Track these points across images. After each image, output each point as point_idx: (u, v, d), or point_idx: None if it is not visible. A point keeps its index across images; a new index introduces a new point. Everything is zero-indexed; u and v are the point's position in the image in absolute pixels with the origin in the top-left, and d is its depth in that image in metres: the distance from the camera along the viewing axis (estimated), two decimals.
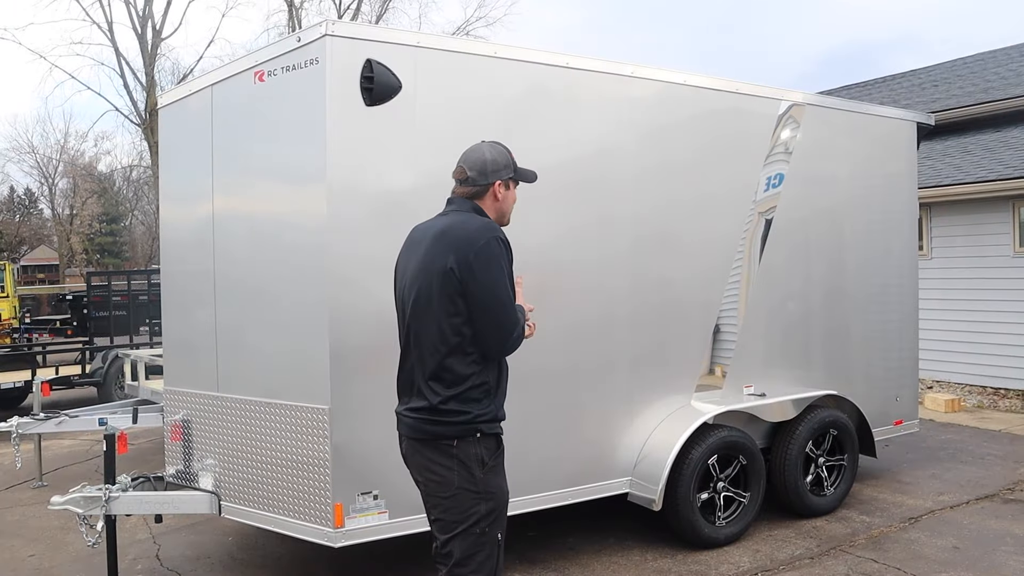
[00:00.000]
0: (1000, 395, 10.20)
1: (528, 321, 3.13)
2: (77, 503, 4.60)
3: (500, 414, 3.05)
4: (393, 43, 4.29)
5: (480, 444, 2.97)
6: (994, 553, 5.16)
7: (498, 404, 3.05)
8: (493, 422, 3.00)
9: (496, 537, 2.98)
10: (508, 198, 3.19)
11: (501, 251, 2.97)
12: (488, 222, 3.05)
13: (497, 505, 2.99)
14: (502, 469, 3.05)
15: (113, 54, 29.35)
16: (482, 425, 2.96)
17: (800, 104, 6.04)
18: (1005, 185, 9.82)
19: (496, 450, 3.02)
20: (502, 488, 3.03)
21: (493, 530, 2.97)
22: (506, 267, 2.98)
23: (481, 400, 2.98)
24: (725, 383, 5.69)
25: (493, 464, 2.99)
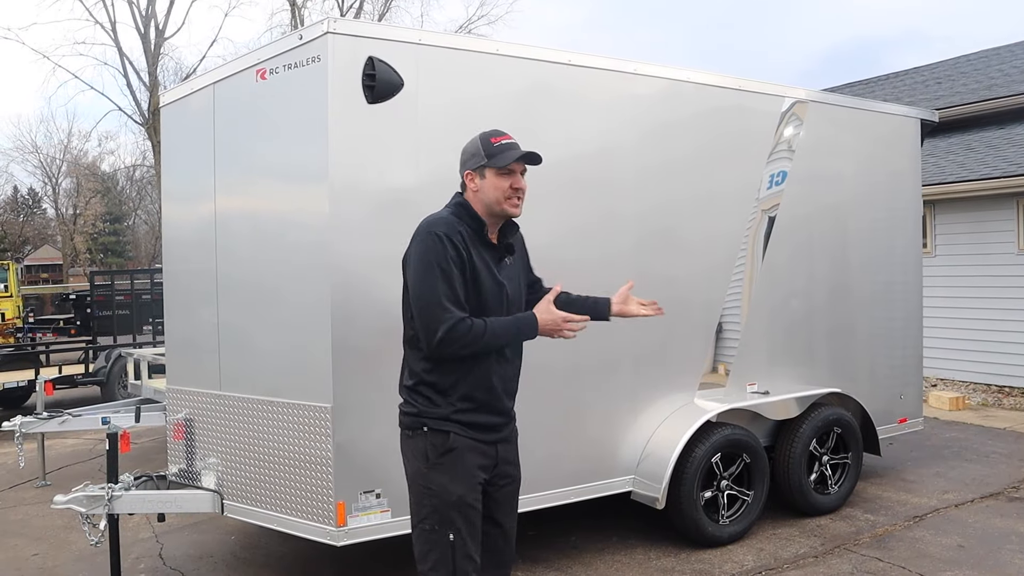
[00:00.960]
0: (1005, 393, 10.17)
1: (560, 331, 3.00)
2: (80, 502, 4.60)
3: (456, 416, 2.94)
4: (395, 41, 4.28)
5: (427, 439, 2.95)
6: (999, 552, 5.14)
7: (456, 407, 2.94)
8: (443, 420, 2.93)
9: (447, 538, 2.89)
10: (485, 187, 2.98)
11: (431, 246, 2.86)
12: (438, 217, 2.97)
13: (441, 504, 2.91)
14: (452, 469, 2.93)
15: (116, 54, 29.39)
16: (428, 421, 2.96)
17: (803, 101, 6.02)
18: (1009, 182, 9.80)
19: (443, 448, 2.92)
20: (446, 488, 2.91)
21: (442, 530, 2.90)
22: (438, 263, 2.84)
23: (431, 399, 2.95)
24: (728, 381, 5.68)
25: (438, 462, 2.92)
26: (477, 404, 2.97)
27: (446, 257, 2.86)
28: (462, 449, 2.94)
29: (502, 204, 2.98)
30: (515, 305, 3.09)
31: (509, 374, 3.09)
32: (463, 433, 2.94)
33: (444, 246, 2.86)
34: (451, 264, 2.86)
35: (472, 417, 2.97)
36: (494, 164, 2.97)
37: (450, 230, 2.91)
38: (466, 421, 2.95)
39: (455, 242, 2.88)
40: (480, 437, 2.99)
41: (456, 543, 2.90)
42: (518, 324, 2.98)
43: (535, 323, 2.97)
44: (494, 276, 3.00)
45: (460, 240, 2.91)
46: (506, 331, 2.94)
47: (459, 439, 2.94)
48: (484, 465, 3.01)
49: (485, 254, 3.00)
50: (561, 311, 3.02)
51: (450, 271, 2.86)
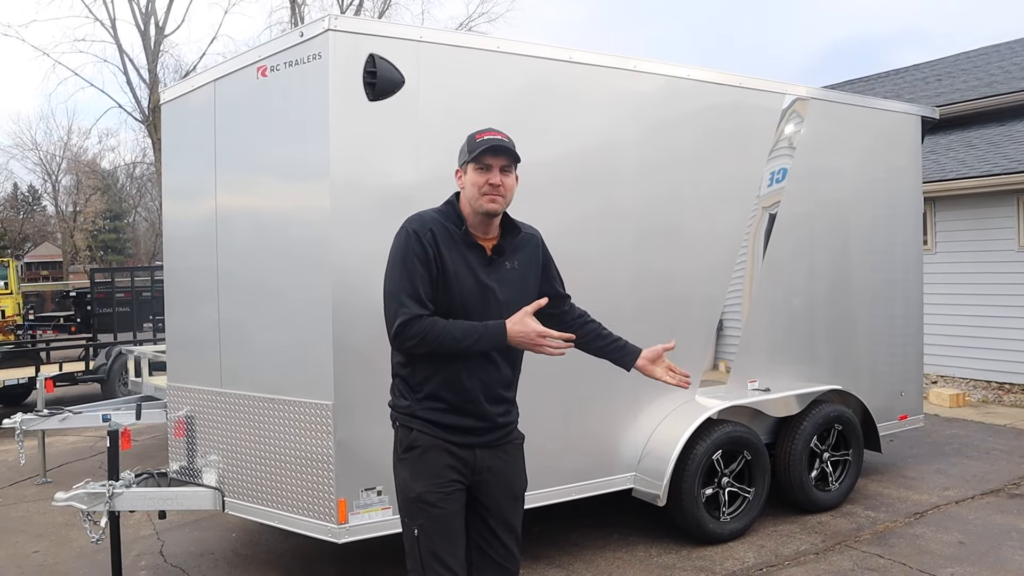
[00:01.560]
0: (1005, 390, 10.18)
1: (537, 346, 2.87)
2: (81, 499, 4.60)
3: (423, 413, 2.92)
4: (396, 38, 4.28)
5: (397, 433, 3.01)
6: (1000, 548, 5.15)
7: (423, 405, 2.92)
8: (409, 416, 2.94)
9: (412, 533, 2.90)
10: (466, 183, 2.94)
11: (400, 241, 2.90)
12: (417, 214, 2.98)
13: (403, 499, 2.95)
14: (414, 466, 2.91)
15: (116, 51, 29.38)
16: (398, 415, 2.99)
17: (804, 98, 6.01)
18: (1010, 179, 9.79)
19: (406, 443, 2.93)
20: (407, 483, 2.92)
21: (409, 523, 2.93)
22: (404, 259, 2.85)
23: (402, 393, 2.99)
24: (729, 378, 5.68)
25: (403, 456, 2.95)
26: (448, 405, 2.92)
27: (411, 253, 2.85)
28: (425, 447, 2.91)
29: (479, 200, 2.89)
30: (508, 307, 2.96)
31: (495, 379, 2.98)
32: (428, 431, 2.91)
33: (410, 242, 2.87)
34: (416, 261, 2.84)
35: (440, 417, 2.92)
36: (470, 159, 2.93)
37: (422, 227, 2.89)
38: (433, 420, 2.92)
39: (423, 239, 2.86)
40: (450, 438, 2.92)
41: (420, 538, 2.89)
42: (483, 330, 2.85)
43: (503, 332, 2.85)
44: (475, 277, 2.92)
45: (431, 238, 2.87)
46: (467, 335, 2.83)
47: (423, 436, 2.91)
48: (456, 467, 2.92)
49: (468, 254, 2.93)
50: (537, 325, 2.86)
51: (414, 268, 2.84)
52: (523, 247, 3.10)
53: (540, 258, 3.18)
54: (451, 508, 2.92)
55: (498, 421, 3.02)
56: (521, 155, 2.98)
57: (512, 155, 2.92)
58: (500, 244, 3.00)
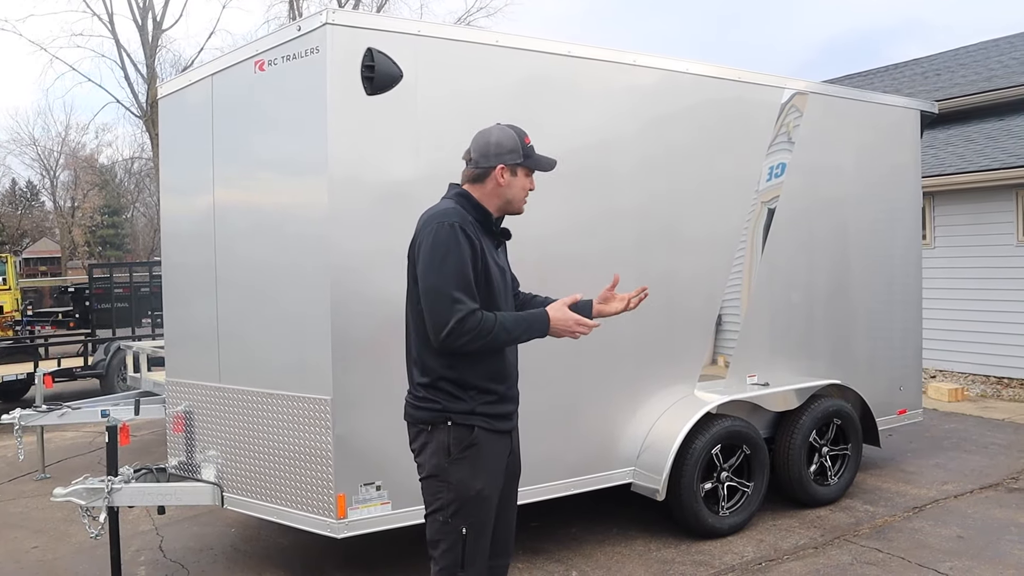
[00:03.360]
0: (1004, 384, 10.18)
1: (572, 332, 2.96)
2: (80, 495, 4.60)
3: (482, 409, 2.92)
4: (394, 32, 4.27)
5: (450, 433, 2.91)
6: (998, 542, 5.15)
7: (479, 400, 2.92)
8: (469, 415, 2.91)
9: (459, 530, 2.89)
10: (514, 184, 2.99)
11: (447, 237, 2.82)
12: (446, 208, 2.92)
13: (458, 497, 2.89)
14: (474, 464, 2.91)
15: (114, 46, 29.31)
16: (454, 415, 2.91)
17: (803, 92, 6.01)
18: (1009, 174, 9.79)
19: (466, 442, 2.90)
20: (465, 482, 2.89)
21: (456, 521, 2.89)
22: (452, 253, 2.81)
23: (452, 394, 2.91)
24: (728, 373, 5.68)
25: (460, 456, 2.89)
26: (498, 396, 2.97)
27: (459, 247, 2.82)
28: (484, 442, 2.93)
29: (520, 203, 3.03)
30: (512, 289, 3.14)
31: (516, 362, 3.11)
32: (487, 426, 2.94)
33: (458, 236, 2.82)
34: (465, 255, 2.83)
35: (494, 408, 2.96)
36: (531, 165, 3.00)
37: (463, 220, 2.87)
38: (490, 413, 2.95)
39: (468, 233, 2.85)
40: (501, 427, 3.00)
41: (468, 536, 2.90)
42: (529, 320, 2.93)
43: (547, 321, 2.93)
44: (498, 264, 3.01)
45: (473, 232, 2.88)
46: (516, 326, 2.89)
47: (483, 433, 2.93)
48: (504, 457, 3.04)
49: (490, 243, 3.00)
50: (574, 314, 2.98)
51: (464, 262, 2.82)
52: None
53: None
54: (496, 502, 3.01)
55: (519, 400, 3.13)
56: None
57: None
58: (505, 228, 3.10)
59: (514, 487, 3.19)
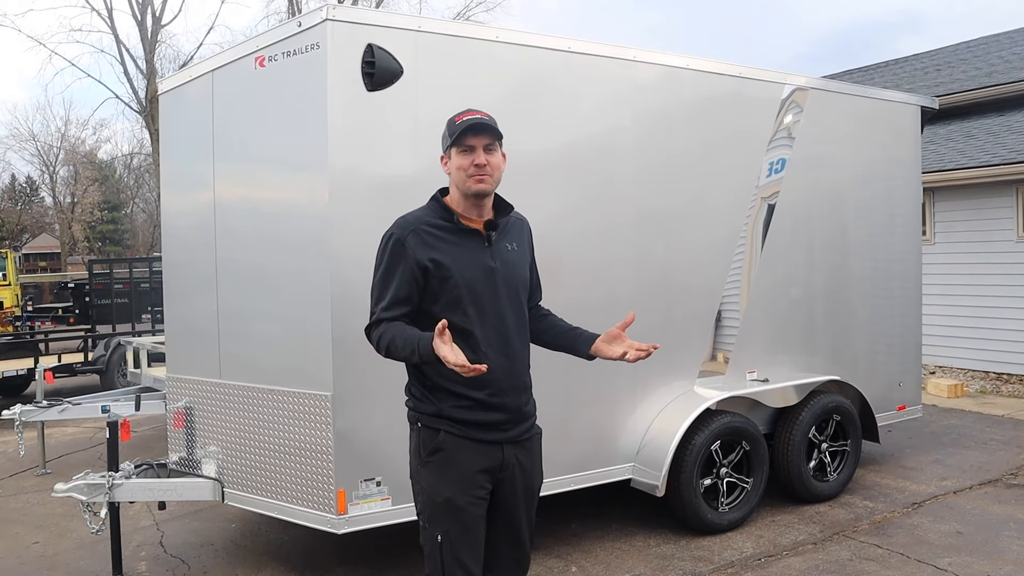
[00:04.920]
0: (1003, 380, 10.19)
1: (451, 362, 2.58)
2: (81, 490, 4.61)
3: (449, 413, 2.82)
4: (394, 28, 4.26)
5: (419, 435, 2.88)
6: (997, 538, 5.16)
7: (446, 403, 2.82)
8: (435, 417, 2.83)
9: (435, 538, 2.81)
10: (452, 168, 2.88)
11: (380, 249, 2.91)
12: (402, 218, 2.91)
13: (429, 503, 2.84)
14: (442, 470, 2.82)
15: (113, 41, 29.34)
16: (422, 416, 2.87)
17: (804, 88, 6.00)
18: (1009, 169, 9.78)
19: (432, 446, 2.82)
20: (434, 488, 2.82)
21: (431, 528, 2.83)
22: (381, 267, 2.87)
23: (421, 395, 2.88)
24: (728, 369, 5.68)
25: (427, 459, 2.83)
26: (474, 401, 2.82)
27: (387, 257, 2.86)
28: (452, 449, 2.82)
29: (467, 183, 2.83)
30: (513, 288, 2.94)
31: (515, 369, 2.92)
32: (456, 431, 2.82)
33: (387, 246, 2.87)
34: (391, 265, 2.84)
35: (467, 415, 2.82)
36: (452, 143, 2.87)
37: (402, 230, 2.84)
38: (460, 418, 2.82)
39: (406, 244, 2.81)
40: (479, 436, 2.83)
41: (443, 544, 2.80)
42: (417, 343, 2.70)
43: (429, 348, 2.62)
44: (478, 261, 2.85)
45: (416, 240, 2.81)
46: (406, 345, 2.73)
47: (450, 438, 2.82)
48: (485, 469, 2.85)
49: (464, 241, 2.86)
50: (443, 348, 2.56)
51: (388, 272, 2.85)
52: (517, 230, 3.05)
53: (530, 244, 3.14)
54: (478, 513, 2.85)
55: (523, 411, 2.96)
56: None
57: (494, 132, 2.86)
58: (491, 221, 2.93)
59: (526, 504, 2.99)
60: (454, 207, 2.90)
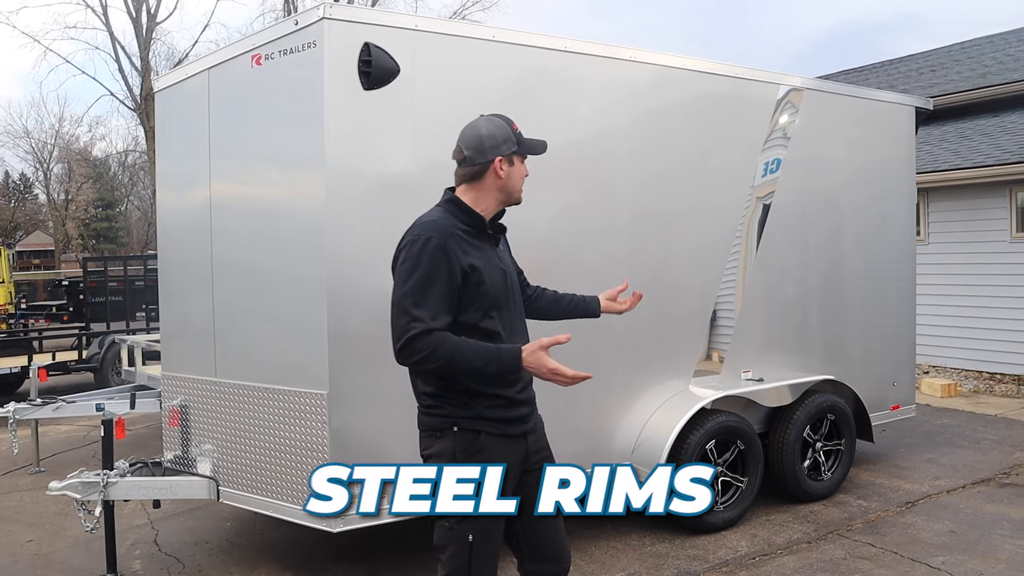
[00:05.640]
0: (996, 380, 10.23)
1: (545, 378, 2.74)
2: (75, 488, 4.60)
3: (488, 414, 2.84)
4: (391, 27, 4.27)
5: (456, 439, 2.84)
6: (990, 537, 5.19)
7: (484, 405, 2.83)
8: (475, 420, 2.83)
9: (466, 537, 2.80)
10: (513, 174, 2.91)
11: (418, 253, 2.72)
12: (433, 220, 2.82)
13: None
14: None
15: (108, 38, 29.17)
16: (460, 420, 2.84)
17: (799, 89, 6.02)
18: (1003, 170, 9.81)
19: (472, 448, 2.82)
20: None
21: (462, 528, 2.82)
22: (421, 272, 2.71)
23: (458, 401, 2.84)
24: (723, 368, 5.70)
25: (465, 462, 2.83)
26: (507, 400, 2.88)
27: (429, 264, 2.72)
28: (493, 448, 2.84)
29: (520, 192, 2.95)
30: (515, 286, 3.02)
31: None
32: (494, 431, 2.85)
33: (428, 252, 2.73)
34: (434, 272, 2.72)
35: (503, 413, 2.87)
36: (526, 151, 2.92)
37: (442, 235, 2.76)
38: (498, 417, 2.86)
39: (447, 249, 2.74)
40: (511, 431, 2.90)
41: (475, 543, 2.81)
42: (497, 353, 2.75)
43: (518, 360, 2.73)
44: (496, 266, 2.90)
45: (456, 245, 2.77)
46: (479, 357, 2.72)
47: (489, 438, 2.84)
48: (517, 460, 2.92)
49: (485, 246, 2.89)
50: (550, 361, 2.73)
51: (431, 279, 2.72)
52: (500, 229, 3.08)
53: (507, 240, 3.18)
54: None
55: (535, 401, 3.05)
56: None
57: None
58: (501, 223, 3.01)
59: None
60: (481, 212, 2.90)
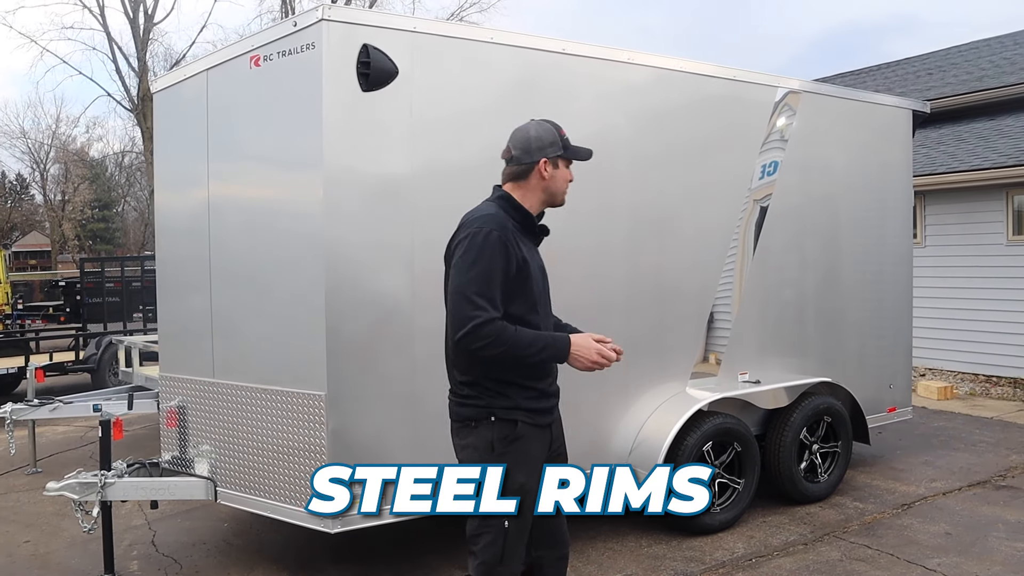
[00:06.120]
0: (992, 383, 10.25)
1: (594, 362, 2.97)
2: (73, 489, 4.60)
3: (524, 404, 2.96)
4: (389, 28, 4.27)
5: (494, 428, 2.95)
6: (986, 539, 5.20)
7: (521, 396, 2.96)
8: (512, 410, 2.95)
9: (502, 524, 2.93)
10: (557, 177, 3.05)
11: (481, 244, 2.85)
12: (491, 214, 2.95)
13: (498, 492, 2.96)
14: (517, 457, 2.95)
15: (105, 38, 29.14)
16: (497, 411, 2.95)
17: (796, 91, 6.03)
18: (999, 173, 9.85)
19: (511, 436, 2.94)
20: (509, 476, 2.94)
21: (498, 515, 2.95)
22: (484, 262, 2.84)
23: (496, 391, 2.95)
24: (720, 370, 5.71)
25: (504, 451, 2.94)
26: (539, 392, 3.02)
27: (492, 255, 2.85)
28: (529, 437, 2.98)
29: (563, 195, 3.09)
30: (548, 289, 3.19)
31: None
32: (529, 420, 2.98)
33: (492, 244, 2.86)
34: (496, 263, 2.85)
35: (536, 403, 3.01)
36: (571, 156, 3.06)
37: (503, 228, 2.90)
38: (532, 408, 2.99)
39: (507, 242, 2.88)
40: (540, 421, 3.04)
41: (511, 529, 2.95)
42: (551, 340, 2.95)
43: (567, 346, 2.94)
44: (539, 264, 3.07)
45: (514, 240, 2.92)
46: (535, 343, 2.90)
47: (525, 427, 2.97)
48: (546, 450, 3.08)
49: (531, 244, 3.05)
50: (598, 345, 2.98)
51: (492, 270, 2.85)
52: None
53: None
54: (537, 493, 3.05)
55: (559, 395, 3.17)
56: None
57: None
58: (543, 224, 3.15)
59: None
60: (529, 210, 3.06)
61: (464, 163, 4.40)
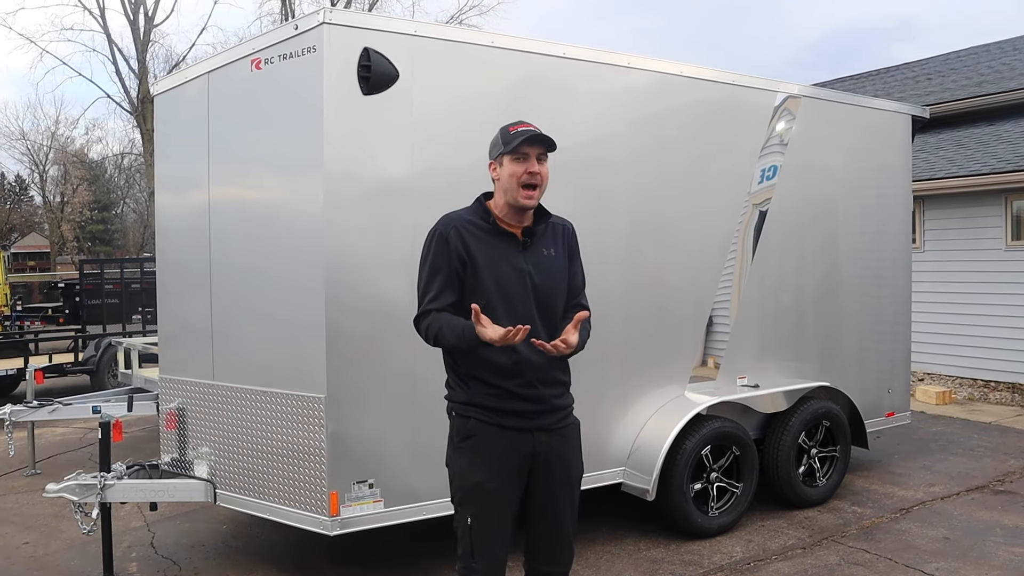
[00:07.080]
0: (991, 388, 10.26)
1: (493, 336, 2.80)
2: (72, 491, 4.61)
3: (480, 400, 2.96)
4: (390, 32, 4.29)
5: (454, 423, 3.06)
6: (984, 544, 5.20)
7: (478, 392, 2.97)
8: (466, 405, 3.00)
9: (465, 520, 2.97)
10: (503, 175, 3.01)
11: (425, 242, 3.04)
12: (446, 215, 3.07)
13: (460, 487, 3.01)
14: (472, 454, 2.96)
15: (105, 40, 29.14)
16: (455, 405, 3.06)
17: (796, 96, 6.05)
18: (998, 179, 9.86)
19: (463, 432, 3.00)
20: (464, 473, 2.98)
21: (462, 511, 2.99)
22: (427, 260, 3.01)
23: (455, 384, 3.07)
24: (719, 374, 5.71)
25: (460, 446, 3.01)
26: (504, 391, 2.97)
27: (430, 252, 3.01)
28: (482, 435, 2.97)
29: (516, 192, 2.97)
30: (547, 293, 3.06)
31: (547, 365, 3.01)
32: (485, 418, 2.97)
33: (431, 242, 3.02)
34: (437, 259, 2.99)
35: (499, 403, 2.97)
36: (507, 151, 3.00)
37: (446, 227, 3.00)
38: (491, 406, 2.97)
39: (448, 238, 2.97)
40: (507, 423, 2.97)
41: (473, 527, 2.96)
42: (462, 329, 2.88)
43: (473, 332, 2.83)
44: (510, 263, 3.00)
45: (457, 236, 2.97)
46: (452, 331, 2.91)
47: (479, 424, 2.97)
48: (515, 453, 2.97)
49: (500, 243, 3.01)
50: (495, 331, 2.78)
51: (433, 267, 2.99)
52: (557, 235, 3.19)
53: (570, 249, 3.26)
54: (507, 497, 2.99)
55: (553, 403, 3.07)
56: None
57: (549, 144, 3.04)
58: (529, 228, 3.09)
59: (562, 494, 3.09)
60: (495, 211, 3.06)
61: (464, 166, 4.41)
